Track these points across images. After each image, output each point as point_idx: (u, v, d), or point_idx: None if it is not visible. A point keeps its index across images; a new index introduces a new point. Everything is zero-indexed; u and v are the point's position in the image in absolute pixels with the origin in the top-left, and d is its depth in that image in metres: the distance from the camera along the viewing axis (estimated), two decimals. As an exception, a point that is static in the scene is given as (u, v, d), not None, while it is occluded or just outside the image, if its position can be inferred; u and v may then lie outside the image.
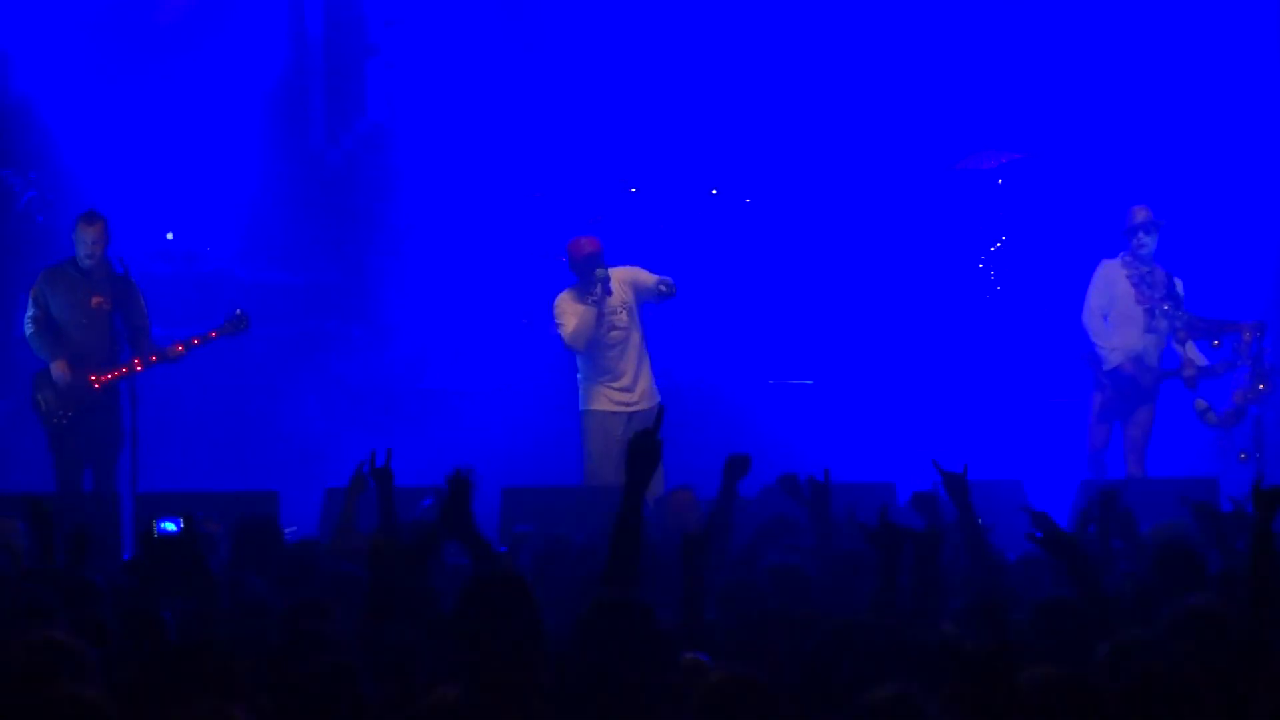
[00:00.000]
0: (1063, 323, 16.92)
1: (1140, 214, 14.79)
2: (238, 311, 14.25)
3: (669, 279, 14.29)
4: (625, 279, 14.34)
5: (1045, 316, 17.07)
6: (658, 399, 14.37)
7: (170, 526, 9.11)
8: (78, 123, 16.39)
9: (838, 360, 16.84)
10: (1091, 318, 14.89)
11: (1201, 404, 14.52)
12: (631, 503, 6.73)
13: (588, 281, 14.16)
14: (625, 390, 14.21)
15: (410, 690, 5.95)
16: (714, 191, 17.01)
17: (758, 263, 17.27)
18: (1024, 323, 17.12)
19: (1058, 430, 16.26)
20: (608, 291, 14.12)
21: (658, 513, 10.95)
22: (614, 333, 14.26)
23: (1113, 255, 14.90)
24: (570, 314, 14.21)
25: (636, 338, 14.35)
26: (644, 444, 6.83)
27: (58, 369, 13.78)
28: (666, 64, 17.14)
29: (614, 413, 14.12)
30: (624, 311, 14.27)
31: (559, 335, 14.39)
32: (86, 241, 13.89)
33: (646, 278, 14.36)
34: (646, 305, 14.42)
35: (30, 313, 13.94)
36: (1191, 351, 14.69)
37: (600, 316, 14.17)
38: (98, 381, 13.83)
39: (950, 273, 17.31)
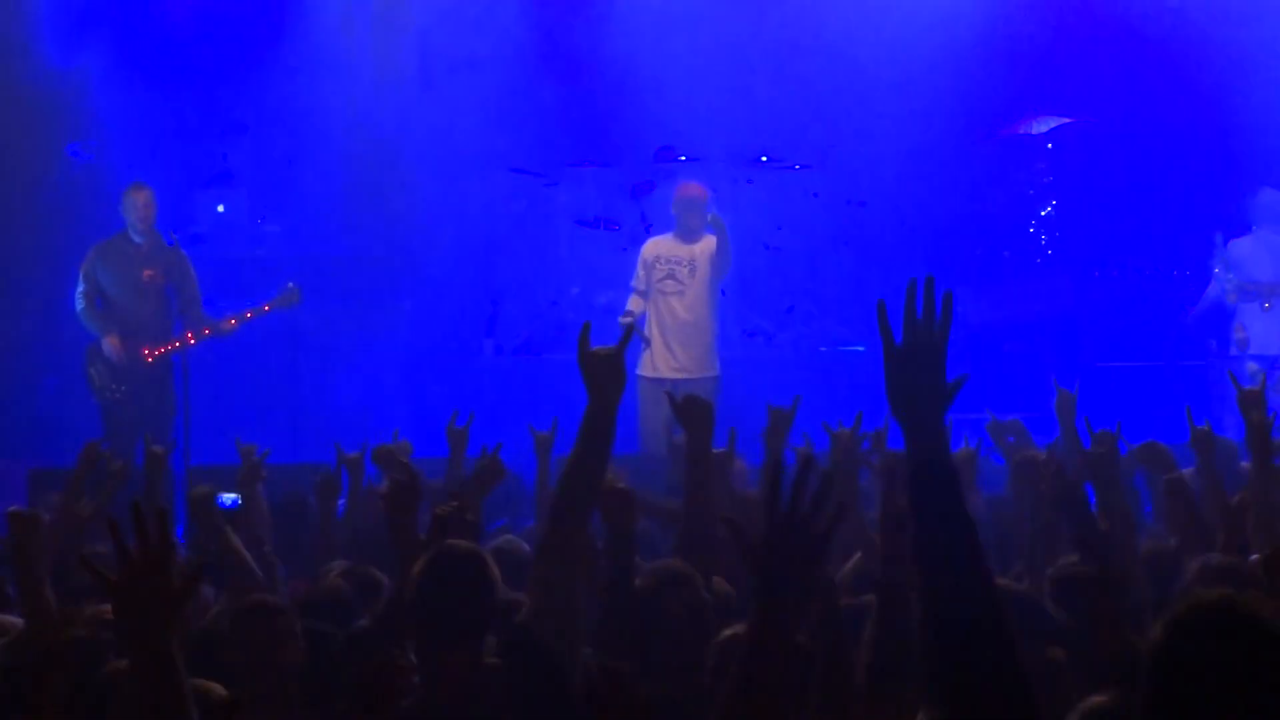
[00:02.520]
0: (1115, 287, 16.88)
1: None
2: (290, 284, 14.29)
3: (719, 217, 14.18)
4: (713, 246, 14.20)
5: (1097, 281, 17.01)
6: (714, 372, 14.27)
7: (229, 497, 9.13)
8: (128, 95, 16.44)
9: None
10: None
11: (1253, 366, 14.44)
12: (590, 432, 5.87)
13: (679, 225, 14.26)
14: (671, 352, 14.14)
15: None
16: (764, 159, 16.96)
17: (807, 229, 17.22)
18: (1075, 288, 17.05)
19: (1111, 393, 16.19)
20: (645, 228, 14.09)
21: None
22: (669, 282, 14.19)
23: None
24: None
25: (696, 300, 14.20)
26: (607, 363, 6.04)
27: (109, 343, 13.84)
28: (716, 31, 17.09)
29: (660, 379, 14.04)
30: (687, 268, 14.17)
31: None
32: (138, 206, 13.94)
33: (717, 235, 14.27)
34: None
35: (80, 288, 13.99)
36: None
37: (657, 258, 14.22)
38: (150, 355, 13.89)
39: (1000, 238, 17.24)
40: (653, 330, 14.23)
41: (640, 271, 14.37)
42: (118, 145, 16.42)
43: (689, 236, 14.23)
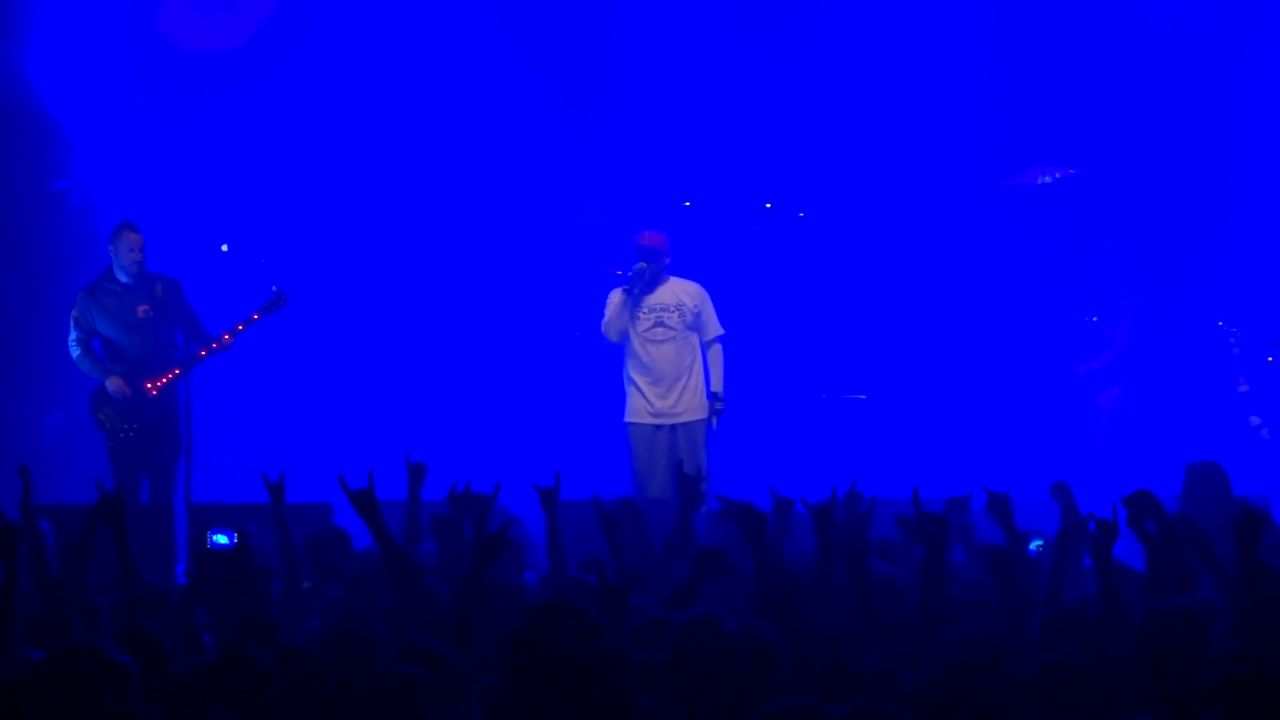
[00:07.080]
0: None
1: None
2: (274, 289, 14.21)
3: (718, 389, 14.27)
4: (692, 292, 14.35)
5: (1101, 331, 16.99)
6: (705, 414, 14.34)
7: (223, 539, 9.11)
8: (125, 136, 16.48)
9: (891, 374, 16.78)
10: None
11: (1256, 420, 14.45)
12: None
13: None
14: (662, 397, 14.23)
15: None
16: (768, 205, 16.98)
17: (811, 276, 17.23)
18: (1081, 338, 17.02)
19: (1114, 443, 16.18)
20: (643, 287, 14.18)
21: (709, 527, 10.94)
22: (658, 330, 14.32)
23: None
24: (611, 303, 14.37)
25: (686, 344, 14.33)
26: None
27: (113, 385, 13.82)
28: (721, 79, 17.14)
29: (655, 426, 14.20)
30: (676, 314, 14.30)
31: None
32: (134, 249, 13.88)
33: (707, 320, 14.34)
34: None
35: (73, 335, 13.94)
36: None
37: (635, 308, 14.23)
38: (154, 388, 13.86)
39: (1004, 288, 17.22)
40: (638, 377, 14.32)
41: (609, 310, 14.46)
42: (112, 184, 16.43)
43: (658, 280, 14.34)
